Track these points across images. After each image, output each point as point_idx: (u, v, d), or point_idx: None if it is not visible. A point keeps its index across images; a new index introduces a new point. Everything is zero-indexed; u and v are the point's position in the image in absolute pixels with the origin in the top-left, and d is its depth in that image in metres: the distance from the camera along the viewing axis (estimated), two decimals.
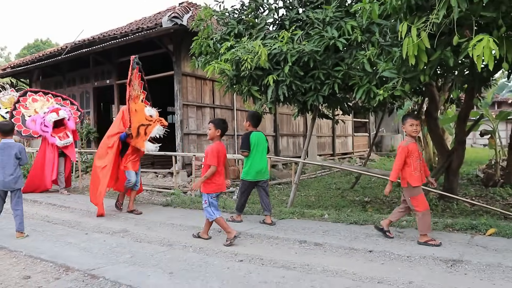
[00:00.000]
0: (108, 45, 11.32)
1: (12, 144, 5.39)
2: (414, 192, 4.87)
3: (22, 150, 5.42)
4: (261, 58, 6.08)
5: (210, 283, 3.59)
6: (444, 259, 4.13)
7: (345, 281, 3.60)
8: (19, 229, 5.40)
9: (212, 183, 5.06)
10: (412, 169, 4.86)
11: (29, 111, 9.51)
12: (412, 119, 5.02)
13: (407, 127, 4.99)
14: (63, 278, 3.81)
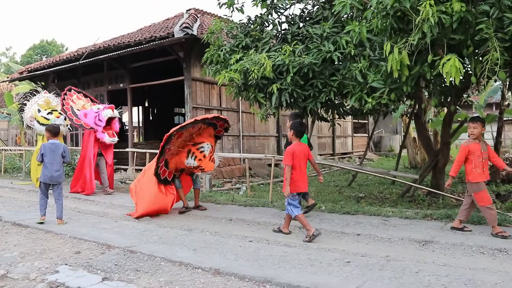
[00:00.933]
0: (123, 52, 12.21)
1: (59, 144, 6.34)
2: (476, 188, 5.32)
3: (66, 150, 6.40)
4: (266, 69, 6.97)
5: (227, 256, 4.50)
6: (418, 240, 5.02)
7: (335, 255, 4.50)
8: (60, 217, 6.31)
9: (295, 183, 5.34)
10: (472, 167, 5.39)
11: (76, 105, 9.93)
12: (471, 122, 5.62)
13: (468, 129, 5.63)
14: (107, 253, 4.72)
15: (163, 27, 13.71)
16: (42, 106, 10.23)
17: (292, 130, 5.74)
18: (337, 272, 3.93)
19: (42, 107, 10.20)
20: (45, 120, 9.93)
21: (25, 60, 49.60)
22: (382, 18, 5.62)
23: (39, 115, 10.08)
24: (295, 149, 5.45)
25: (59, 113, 10.11)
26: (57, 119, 9.92)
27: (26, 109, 10.55)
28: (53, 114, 10.07)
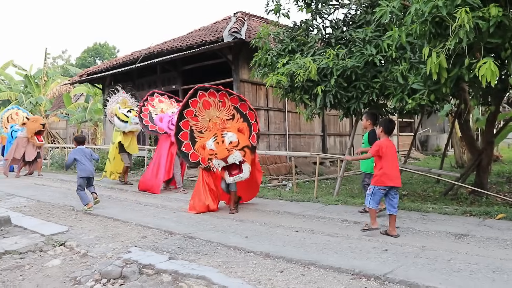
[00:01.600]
0: (175, 56, 12.98)
1: (85, 149, 7.71)
2: None
3: (92, 152, 7.84)
4: (311, 72, 7.44)
5: (276, 243, 5.03)
6: (454, 233, 5.35)
7: (374, 244, 4.93)
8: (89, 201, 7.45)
9: (383, 175, 5.42)
10: None
11: (155, 109, 10.34)
12: None
13: None
14: (170, 238, 5.36)
15: (212, 31, 14.41)
16: (121, 105, 10.96)
17: (381, 127, 5.90)
18: (375, 258, 4.37)
19: (121, 105, 10.92)
20: (125, 117, 10.59)
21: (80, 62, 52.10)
22: (420, 24, 5.95)
23: (120, 112, 10.69)
24: (383, 144, 5.60)
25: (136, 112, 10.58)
26: (135, 117, 10.49)
27: (108, 105, 11.32)
28: (132, 113, 10.64)
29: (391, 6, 6.51)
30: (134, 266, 4.21)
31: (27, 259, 4.80)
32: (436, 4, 5.50)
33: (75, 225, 6.28)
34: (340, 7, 9.08)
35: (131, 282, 3.95)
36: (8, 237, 5.61)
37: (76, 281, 4.07)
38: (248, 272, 4.04)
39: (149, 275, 4.07)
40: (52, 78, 27.49)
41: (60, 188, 10.77)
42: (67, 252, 5.00)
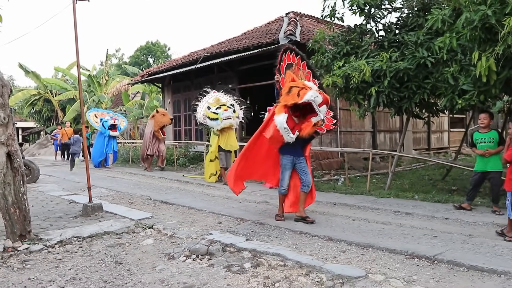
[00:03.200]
0: (233, 58, 13.81)
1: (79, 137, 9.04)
2: None
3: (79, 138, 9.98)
4: (365, 74, 8.02)
5: (336, 229, 5.74)
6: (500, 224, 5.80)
7: (424, 231, 5.53)
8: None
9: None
10: None
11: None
12: None
13: None
14: (242, 224, 6.17)
15: (266, 32, 15.13)
16: (212, 104, 10.95)
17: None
18: (425, 242, 4.97)
19: (212, 105, 10.91)
20: (214, 115, 10.63)
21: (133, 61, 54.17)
22: (470, 30, 6.42)
23: (209, 111, 10.76)
24: None
25: (227, 107, 10.73)
26: (225, 112, 10.55)
27: (198, 109, 11.22)
28: (221, 108, 10.65)
29: (443, 13, 7.00)
30: (218, 245, 5.00)
31: (124, 238, 5.71)
32: (485, 12, 5.97)
33: (156, 212, 7.20)
34: (393, 11, 9.57)
35: (217, 258, 4.74)
36: (103, 221, 6.57)
37: (170, 256, 4.91)
38: (315, 251, 4.75)
39: (231, 252, 4.85)
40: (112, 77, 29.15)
41: (131, 180, 11.87)
42: (156, 234, 5.88)
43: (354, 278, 3.87)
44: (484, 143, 6.97)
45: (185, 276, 4.25)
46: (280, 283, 3.91)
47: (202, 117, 10.98)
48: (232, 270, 4.33)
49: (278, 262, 4.41)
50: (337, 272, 3.98)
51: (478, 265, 4.09)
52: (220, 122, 10.50)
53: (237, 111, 11.00)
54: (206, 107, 10.89)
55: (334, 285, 3.79)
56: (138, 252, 5.13)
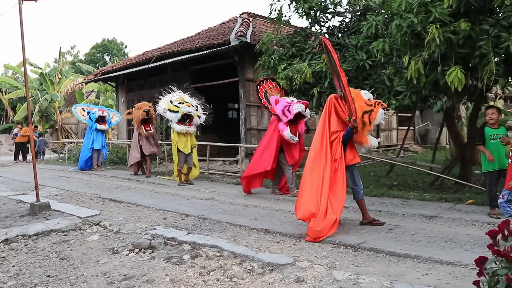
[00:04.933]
0: (186, 58, 13.99)
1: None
2: None
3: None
4: (307, 76, 8.43)
5: (274, 222, 6.08)
6: (426, 215, 6.34)
7: (356, 223, 5.94)
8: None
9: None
10: None
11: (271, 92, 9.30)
12: None
13: None
14: (186, 219, 6.42)
15: (219, 32, 15.39)
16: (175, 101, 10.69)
17: None
18: (353, 233, 5.40)
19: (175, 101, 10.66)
20: (175, 107, 10.33)
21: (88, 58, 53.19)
22: (401, 36, 6.91)
23: (171, 104, 10.47)
24: None
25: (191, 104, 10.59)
26: (187, 107, 10.34)
27: (160, 102, 10.93)
28: (184, 104, 10.44)
29: (377, 19, 7.49)
30: (160, 239, 5.24)
31: (70, 235, 5.84)
32: (412, 20, 6.46)
33: (104, 209, 7.34)
34: (336, 15, 10.04)
35: (158, 251, 4.98)
36: (50, 219, 6.66)
37: (114, 250, 5.10)
38: (251, 242, 5.07)
39: (172, 245, 5.10)
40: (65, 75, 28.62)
41: (82, 179, 11.87)
42: (102, 230, 6.04)
43: (282, 265, 4.20)
44: (498, 140, 6.47)
45: (127, 268, 4.46)
46: (214, 272, 4.20)
47: (163, 110, 10.77)
48: (172, 261, 4.59)
49: (215, 253, 4.70)
50: (267, 261, 4.31)
51: (396, 251, 4.51)
52: (179, 115, 10.24)
53: (198, 112, 10.87)
54: (169, 100, 10.70)
55: (263, 272, 4.11)
56: (83, 247, 5.29)
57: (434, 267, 4.10)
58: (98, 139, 14.19)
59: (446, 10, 6.26)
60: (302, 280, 3.84)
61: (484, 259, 2.82)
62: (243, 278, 4.00)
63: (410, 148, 23.56)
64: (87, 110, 14.99)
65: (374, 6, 8.04)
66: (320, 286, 3.70)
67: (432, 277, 3.83)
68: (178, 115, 10.29)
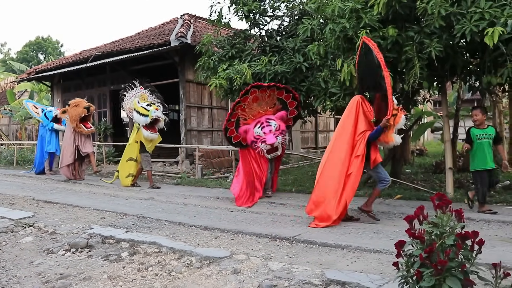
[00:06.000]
0: (125, 58, 13.80)
1: None
2: None
3: None
4: (247, 77, 8.62)
5: (213, 219, 6.19)
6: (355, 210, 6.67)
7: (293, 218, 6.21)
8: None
9: None
10: None
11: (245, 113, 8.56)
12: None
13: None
14: (125, 218, 6.39)
15: (160, 33, 15.28)
16: (140, 100, 10.40)
17: None
18: (290, 227, 5.62)
19: (141, 100, 10.40)
20: (145, 110, 9.97)
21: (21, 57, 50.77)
22: (335, 40, 7.25)
23: (139, 105, 10.09)
24: None
25: (157, 106, 10.24)
26: (156, 111, 10.02)
27: (125, 100, 10.59)
28: (152, 107, 10.08)
29: (313, 24, 7.80)
30: (98, 238, 5.20)
31: (1, 238, 5.65)
32: (344, 25, 6.81)
33: (39, 211, 7.14)
34: (275, 18, 10.32)
35: (96, 249, 4.95)
36: None
37: (49, 251, 5.01)
38: (190, 238, 5.16)
39: (110, 243, 5.09)
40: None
41: (14, 182, 11.41)
42: (36, 232, 5.90)
43: (220, 258, 4.33)
44: (485, 139, 6.48)
45: (63, 267, 4.41)
46: (153, 267, 4.26)
47: (128, 110, 10.43)
48: (110, 259, 4.59)
49: (154, 249, 4.75)
50: (205, 254, 4.42)
51: (328, 242, 4.77)
52: (149, 119, 9.86)
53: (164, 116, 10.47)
54: (136, 100, 10.28)
55: (201, 266, 4.22)
56: (16, 249, 5.15)
57: (362, 255, 4.39)
58: (53, 141, 13.03)
59: (376, 16, 6.67)
60: (239, 272, 3.98)
61: (402, 242, 3.09)
62: (181, 272, 4.09)
63: None
64: (40, 107, 13.82)
65: (310, 10, 8.33)
66: (256, 276, 3.86)
67: (360, 264, 4.11)
68: (147, 120, 9.91)
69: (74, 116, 11.31)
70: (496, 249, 4.39)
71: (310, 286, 3.57)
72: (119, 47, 14.99)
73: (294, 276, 3.78)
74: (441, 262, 2.68)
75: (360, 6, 6.75)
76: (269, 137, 8.01)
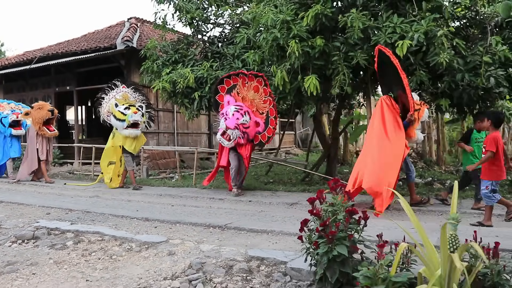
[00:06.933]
0: (70, 60, 13.96)
1: None
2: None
3: None
4: (189, 81, 9.16)
5: (154, 213, 6.68)
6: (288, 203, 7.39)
7: (228, 210, 6.78)
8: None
9: (496, 170, 5.53)
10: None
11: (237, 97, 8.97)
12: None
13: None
14: (70, 213, 6.76)
15: (106, 36, 15.51)
16: (119, 101, 10.12)
17: (490, 120, 5.82)
18: (224, 217, 6.21)
19: (119, 102, 10.10)
20: (121, 115, 9.83)
21: None
22: (269, 48, 7.92)
23: (116, 109, 9.91)
24: (496, 137, 5.58)
25: (136, 108, 10.04)
26: (134, 114, 9.83)
27: (103, 103, 10.28)
28: (130, 110, 9.88)
29: (249, 32, 8.45)
30: (44, 230, 5.58)
31: None
32: (276, 35, 7.49)
33: None
34: (216, 26, 10.92)
35: (42, 240, 5.33)
36: None
37: None
38: (132, 228, 5.66)
39: (56, 234, 5.48)
40: None
41: None
42: None
43: (157, 243, 4.86)
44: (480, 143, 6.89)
45: (10, 256, 4.78)
46: (96, 253, 4.72)
47: (106, 113, 10.15)
48: (55, 247, 5.00)
49: (97, 238, 5.21)
50: (144, 240, 4.93)
51: (255, 228, 5.41)
52: (126, 125, 9.78)
53: (144, 114, 10.39)
54: (114, 103, 10.04)
55: (140, 250, 4.73)
56: None
57: (283, 238, 5.05)
58: (15, 147, 12.27)
59: (304, 27, 7.39)
60: (174, 253, 4.53)
61: (307, 220, 3.78)
62: (122, 256, 4.59)
63: (291, 151, 25.39)
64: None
65: (247, 20, 8.98)
66: (188, 256, 4.42)
67: (280, 244, 4.76)
68: (124, 125, 9.82)
69: (37, 118, 11.20)
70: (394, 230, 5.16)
71: (234, 262, 4.16)
72: (64, 49, 15.10)
73: (221, 255, 4.37)
74: (331, 232, 3.37)
75: (290, 18, 7.47)
76: (231, 121, 8.33)
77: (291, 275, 3.85)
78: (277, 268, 4.02)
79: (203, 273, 3.95)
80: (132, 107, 9.99)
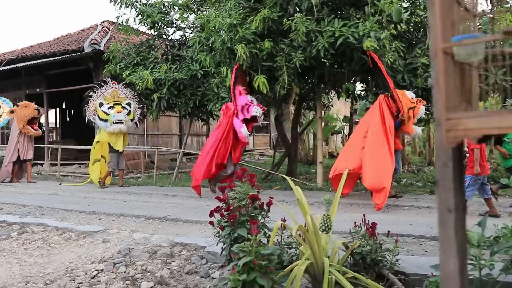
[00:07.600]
0: (39, 62, 14.18)
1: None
2: None
3: None
4: (148, 82, 9.51)
5: (103, 207, 7.00)
6: None
7: (175, 205, 7.13)
8: None
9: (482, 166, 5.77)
10: None
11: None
12: None
13: None
14: (23, 208, 7.06)
15: (77, 39, 15.74)
16: (107, 99, 10.06)
17: None
18: (167, 211, 6.58)
19: (107, 100, 10.05)
20: (104, 115, 9.84)
21: None
22: (220, 50, 8.32)
23: (100, 109, 9.92)
24: None
25: (122, 107, 9.98)
26: (117, 114, 9.79)
27: (90, 102, 10.20)
28: (114, 109, 9.84)
29: (201, 36, 8.84)
30: None
31: None
32: (224, 38, 7.89)
33: None
34: (177, 30, 11.29)
35: None
36: None
37: None
38: (76, 220, 5.99)
39: (2, 226, 5.79)
40: None
41: None
42: None
43: (95, 232, 5.20)
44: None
45: None
46: (36, 242, 5.05)
47: (91, 113, 10.06)
48: (0, 238, 5.31)
49: (40, 229, 5.53)
50: (83, 230, 5.27)
51: (190, 219, 5.79)
52: (109, 125, 9.78)
53: (133, 112, 10.20)
54: (99, 102, 10.02)
55: (78, 238, 5.07)
56: None
57: None
58: None
59: (252, 31, 7.78)
60: (108, 241, 4.87)
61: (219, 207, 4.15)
62: (60, 244, 4.92)
63: (265, 152, 25.80)
64: None
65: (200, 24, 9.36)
66: (120, 243, 4.76)
67: (207, 233, 5.07)
68: (107, 125, 9.81)
69: (22, 117, 11.27)
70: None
71: (159, 247, 4.52)
72: (34, 52, 15.31)
73: (150, 242, 4.73)
74: (233, 216, 3.75)
75: (237, 22, 7.86)
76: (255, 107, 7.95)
77: (207, 258, 4.22)
78: (197, 252, 4.39)
79: (129, 258, 4.30)
80: (117, 105, 9.97)
